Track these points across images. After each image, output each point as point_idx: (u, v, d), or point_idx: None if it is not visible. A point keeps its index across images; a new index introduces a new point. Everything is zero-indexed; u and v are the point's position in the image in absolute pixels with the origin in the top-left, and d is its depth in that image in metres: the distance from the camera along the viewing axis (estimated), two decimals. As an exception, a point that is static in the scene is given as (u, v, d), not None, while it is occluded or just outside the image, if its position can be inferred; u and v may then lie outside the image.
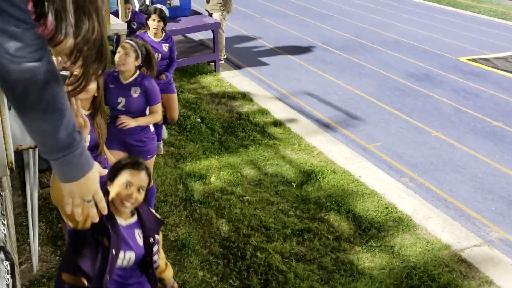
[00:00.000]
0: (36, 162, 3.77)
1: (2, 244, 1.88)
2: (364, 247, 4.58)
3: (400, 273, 4.26)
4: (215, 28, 8.97)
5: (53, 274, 3.85)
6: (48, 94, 1.24)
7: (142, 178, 2.33)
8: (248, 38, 11.98)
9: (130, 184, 2.29)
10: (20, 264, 3.88)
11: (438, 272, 4.29)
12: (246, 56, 10.53)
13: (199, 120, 6.89)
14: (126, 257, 2.34)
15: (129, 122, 4.12)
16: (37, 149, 3.53)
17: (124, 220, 2.37)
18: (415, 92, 8.97)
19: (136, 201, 2.33)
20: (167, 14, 5.95)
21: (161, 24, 5.72)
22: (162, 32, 5.79)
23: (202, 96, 7.90)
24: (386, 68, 10.23)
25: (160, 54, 5.66)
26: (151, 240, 2.43)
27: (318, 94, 8.55)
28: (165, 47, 5.75)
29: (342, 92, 8.74)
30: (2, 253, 1.86)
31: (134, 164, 2.35)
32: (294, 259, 4.31)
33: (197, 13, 9.76)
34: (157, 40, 5.72)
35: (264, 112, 7.49)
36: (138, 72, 4.26)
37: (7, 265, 1.84)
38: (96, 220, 1.53)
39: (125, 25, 5.79)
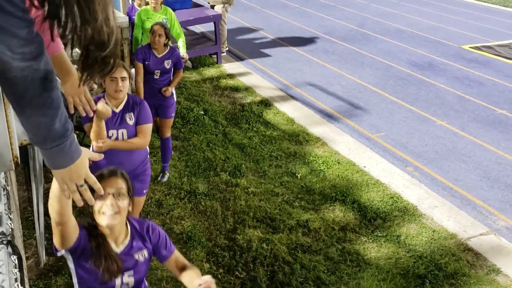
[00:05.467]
0: (41, 157, 3.76)
1: (9, 238, 1.88)
2: (370, 237, 4.57)
3: (407, 263, 4.25)
4: (216, 20, 8.93)
5: (60, 268, 3.86)
6: (47, 89, 1.28)
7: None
8: (250, 30, 11.93)
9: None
10: (27, 258, 3.88)
11: (445, 261, 4.28)
12: (248, 48, 10.49)
13: (202, 112, 6.87)
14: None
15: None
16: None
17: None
18: (418, 81, 8.93)
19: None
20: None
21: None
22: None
23: (205, 88, 7.88)
24: (389, 58, 10.18)
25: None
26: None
27: (321, 85, 8.52)
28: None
29: (345, 83, 8.70)
30: (9, 247, 1.86)
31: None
32: (300, 250, 4.31)
33: (198, 5, 9.73)
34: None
35: (267, 103, 7.47)
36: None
37: (14, 259, 1.84)
38: (92, 202, 1.57)
39: (127, 18, 5.75)
